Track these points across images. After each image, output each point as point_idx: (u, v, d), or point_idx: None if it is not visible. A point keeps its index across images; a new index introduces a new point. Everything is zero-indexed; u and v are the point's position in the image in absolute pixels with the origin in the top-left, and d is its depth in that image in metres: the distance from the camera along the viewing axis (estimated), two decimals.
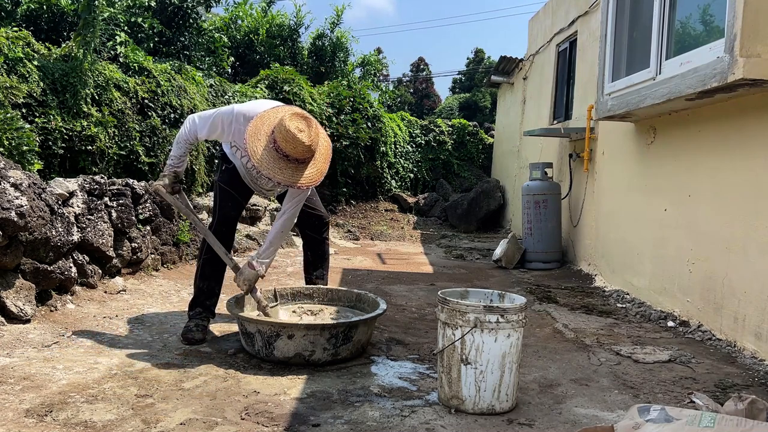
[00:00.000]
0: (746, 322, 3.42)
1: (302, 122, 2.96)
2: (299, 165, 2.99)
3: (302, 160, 2.98)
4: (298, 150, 2.92)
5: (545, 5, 8.64)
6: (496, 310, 2.45)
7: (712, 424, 1.83)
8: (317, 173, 3.06)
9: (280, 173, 2.96)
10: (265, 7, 13.17)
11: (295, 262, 6.49)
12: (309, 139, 2.93)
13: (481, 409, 2.49)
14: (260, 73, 10.41)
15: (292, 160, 2.95)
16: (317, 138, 3.01)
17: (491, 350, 2.46)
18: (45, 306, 3.59)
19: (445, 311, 2.54)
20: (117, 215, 4.49)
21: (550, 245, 6.64)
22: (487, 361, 2.46)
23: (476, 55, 34.57)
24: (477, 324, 2.44)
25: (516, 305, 2.51)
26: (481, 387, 2.47)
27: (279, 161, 2.95)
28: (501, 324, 2.44)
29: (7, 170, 3.48)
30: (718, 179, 3.80)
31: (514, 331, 2.48)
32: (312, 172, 3.04)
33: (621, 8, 4.90)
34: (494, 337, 2.45)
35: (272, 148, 2.94)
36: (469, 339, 2.46)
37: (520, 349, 2.54)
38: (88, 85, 5.71)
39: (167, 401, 2.45)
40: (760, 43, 3.07)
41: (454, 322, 2.49)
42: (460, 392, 2.50)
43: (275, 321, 3.12)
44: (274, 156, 2.95)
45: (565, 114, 7.55)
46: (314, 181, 3.05)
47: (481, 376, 2.47)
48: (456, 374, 2.51)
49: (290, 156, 2.93)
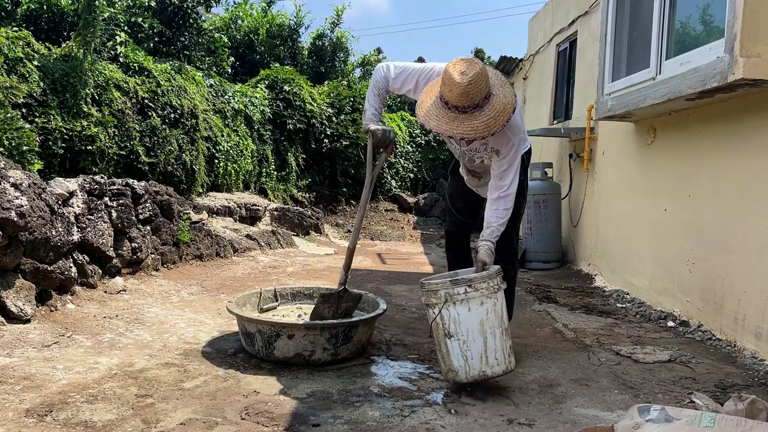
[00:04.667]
0: (746, 322, 3.42)
1: (466, 65, 2.63)
2: (465, 115, 2.65)
3: (463, 107, 2.63)
4: (454, 93, 2.60)
5: (545, 5, 8.64)
6: (462, 282, 2.58)
7: (712, 424, 1.83)
8: (485, 124, 2.64)
9: (447, 125, 2.66)
10: (265, 7, 13.17)
11: (295, 263, 6.50)
12: (466, 81, 2.57)
13: (473, 376, 2.61)
14: (260, 73, 10.42)
15: (453, 108, 2.64)
16: (481, 83, 2.61)
17: (468, 320, 2.58)
18: (45, 306, 3.59)
19: (424, 294, 2.70)
20: (117, 215, 4.49)
21: (550, 245, 6.65)
22: (466, 330, 2.59)
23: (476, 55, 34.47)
24: (447, 298, 2.58)
25: (481, 275, 2.62)
26: (467, 356, 2.60)
27: (441, 110, 2.67)
28: (470, 293, 2.57)
29: (7, 170, 3.48)
30: (718, 179, 3.80)
31: (487, 298, 2.59)
32: (479, 123, 2.64)
33: (621, 8, 4.90)
34: (467, 307, 2.58)
35: (438, 98, 2.70)
36: (445, 314, 2.60)
37: (500, 313, 2.63)
38: (88, 85, 5.71)
39: (167, 401, 2.45)
40: (760, 43, 3.07)
41: (431, 302, 2.65)
42: (453, 365, 2.64)
43: (275, 321, 3.12)
44: (438, 105, 2.68)
45: (565, 114, 7.55)
46: (478, 132, 2.65)
47: (465, 346, 2.60)
48: (445, 349, 2.65)
49: (449, 102, 2.63)
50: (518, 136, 2.94)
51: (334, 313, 3.25)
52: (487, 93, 2.66)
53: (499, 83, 2.76)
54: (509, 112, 2.69)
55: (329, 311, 3.23)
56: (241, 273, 5.66)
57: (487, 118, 2.65)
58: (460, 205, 3.47)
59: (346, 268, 3.26)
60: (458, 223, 3.51)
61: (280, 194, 9.96)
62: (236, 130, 8.80)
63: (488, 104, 2.67)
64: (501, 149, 2.93)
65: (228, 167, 8.37)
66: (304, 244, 8.08)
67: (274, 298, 3.71)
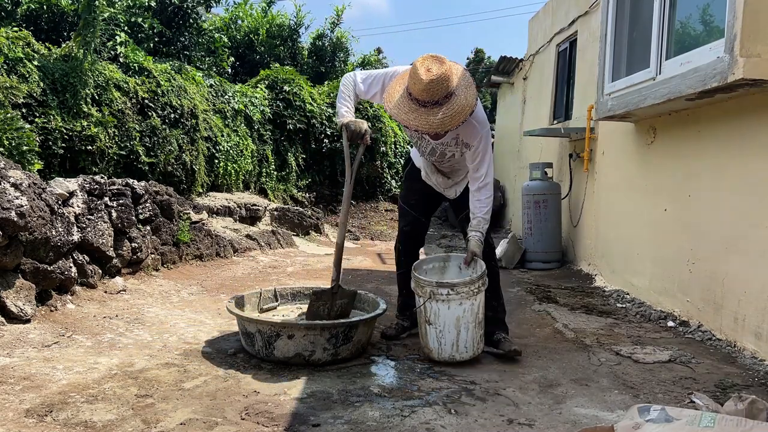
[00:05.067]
0: (746, 322, 3.42)
1: (433, 62, 2.79)
2: (425, 109, 2.80)
3: (424, 102, 2.79)
4: (417, 87, 2.75)
5: (545, 5, 8.64)
6: (446, 285, 2.95)
7: (712, 424, 1.83)
8: (440, 121, 2.80)
9: (405, 115, 2.82)
10: (265, 7, 13.17)
11: (295, 262, 6.50)
12: (432, 76, 2.72)
13: (444, 358, 3.03)
14: (260, 73, 10.42)
15: (414, 100, 2.80)
16: (444, 82, 2.76)
17: (446, 315, 2.97)
18: (45, 306, 3.58)
19: (413, 281, 3.10)
20: (117, 215, 4.49)
21: (550, 245, 6.64)
22: (443, 323, 2.97)
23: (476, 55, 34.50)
24: (431, 295, 2.97)
25: (464, 280, 2.97)
26: (441, 342, 3.01)
27: (405, 100, 2.83)
28: (451, 296, 2.94)
29: (7, 170, 3.48)
30: (718, 179, 3.80)
31: (466, 299, 2.94)
32: (436, 119, 2.80)
33: (621, 8, 4.89)
34: (447, 306, 2.96)
35: (405, 92, 2.85)
36: (428, 306, 3.00)
37: (476, 311, 2.99)
38: (88, 85, 5.71)
39: (167, 401, 2.45)
40: (760, 43, 3.07)
41: (418, 292, 3.06)
42: (428, 345, 3.07)
43: (275, 321, 3.12)
44: (404, 95, 2.84)
45: (565, 114, 7.55)
46: (433, 127, 2.82)
47: (440, 334, 3.00)
48: (424, 331, 3.08)
49: (412, 94, 2.78)
50: (485, 128, 3.10)
51: (329, 311, 3.24)
52: (448, 92, 2.82)
53: (465, 84, 2.90)
54: (466, 114, 2.85)
55: (324, 309, 3.23)
56: (241, 273, 5.66)
57: (443, 116, 2.82)
58: (414, 202, 3.55)
59: (336, 264, 3.29)
60: (414, 221, 3.56)
61: (280, 194, 9.96)
62: (236, 130, 8.80)
63: (448, 103, 2.83)
64: (471, 142, 3.09)
65: (228, 167, 8.37)
66: (304, 244, 8.08)
67: (274, 298, 3.71)
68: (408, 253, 3.60)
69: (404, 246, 3.62)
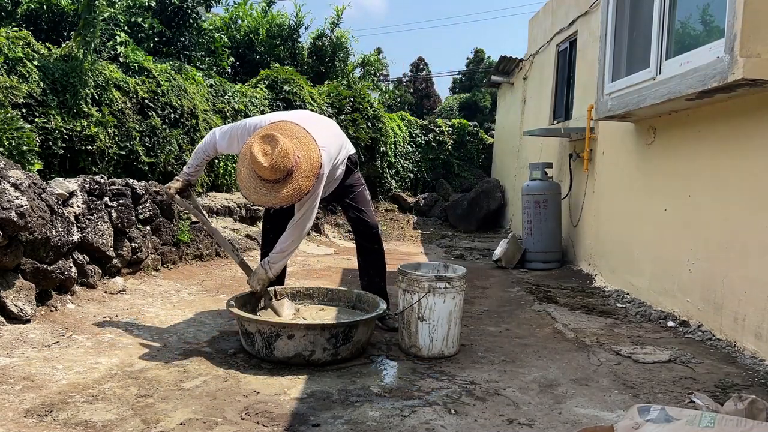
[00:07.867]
0: (746, 322, 3.42)
1: (269, 145, 2.94)
2: (275, 184, 2.96)
3: (275, 180, 2.94)
4: (262, 172, 2.92)
5: (545, 5, 8.64)
6: (444, 279, 3.15)
7: (712, 424, 1.83)
8: (295, 192, 2.98)
9: (255, 192, 2.98)
10: (265, 7, 13.16)
11: (295, 262, 6.50)
12: (270, 162, 2.89)
13: (433, 354, 3.17)
14: (260, 73, 10.41)
15: (265, 180, 2.96)
16: (284, 159, 2.91)
17: (441, 309, 3.14)
18: (45, 306, 3.59)
19: (405, 281, 3.21)
20: (117, 215, 4.49)
21: (550, 245, 6.64)
22: (438, 317, 3.14)
23: (476, 55, 34.50)
24: (430, 290, 3.13)
25: (458, 275, 3.22)
26: (433, 338, 3.17)
27: (255, 180, 2.98)
28: (448, 289, 3.15)
29: (7, 170, 3.48)
30: (718, 179, 3.80)
31: (458, 293, 3.19)
32: (288, 191, 2.97)
33: (621, 8, 4.90)
34: (443, 299, 3.14)
35: (254, 174, 2.98)
36: (424, 301, 3.14)
37: (461, 307, 3.24)
38: (88, 85, 5.71)
39: (167, 401, 2.45)
40: (760, 43, 3.07)
41: (413, 289, 3.17)
42: (418, 342, 3.19)
43: (275, 321, 3.13)
44: (255, 178, 2.98)
45: (565, 114, 7.55)
46: (291, 200, 3.01)
47: (433, 330, 3.16)
48: (414, 329, 3.19)
49: (261, 176, 2.95)
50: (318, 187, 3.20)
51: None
52: (292, 165, 2.95)
53: (300, 140, 3.05)
54: (313, 177, 3.02)
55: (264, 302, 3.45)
56: (241, 273, 5.65)
57: (299, 182, 2.97)
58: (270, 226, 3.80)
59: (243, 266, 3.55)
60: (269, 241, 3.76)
61: None
62: None
63: (294, 174, 2.96)
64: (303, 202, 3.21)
65: (228, 167, 8.37)
66: (304, 244, 8.07)
67: (274, 298, 3.71)
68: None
69: None
